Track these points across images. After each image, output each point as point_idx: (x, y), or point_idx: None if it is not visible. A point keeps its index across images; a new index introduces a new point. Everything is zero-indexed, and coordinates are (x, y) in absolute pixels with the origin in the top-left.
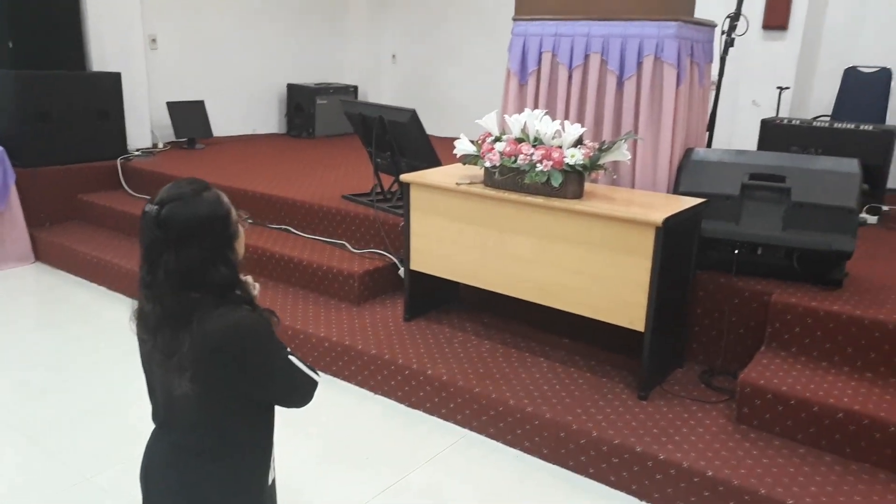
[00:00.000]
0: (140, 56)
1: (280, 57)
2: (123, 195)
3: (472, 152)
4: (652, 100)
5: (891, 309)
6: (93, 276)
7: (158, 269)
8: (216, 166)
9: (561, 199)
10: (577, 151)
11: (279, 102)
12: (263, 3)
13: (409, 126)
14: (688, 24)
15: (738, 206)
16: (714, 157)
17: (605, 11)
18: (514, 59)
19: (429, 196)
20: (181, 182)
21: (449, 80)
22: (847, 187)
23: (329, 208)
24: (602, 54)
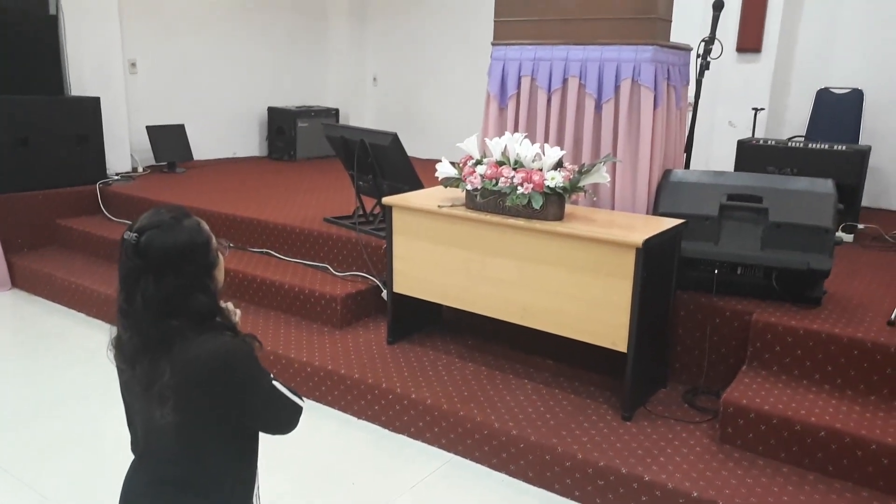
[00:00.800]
0: (120, 80)
1: (261, 80)
2: (102, 220)
3: (454, 175)
4: (630, 122)
5: (868, 327)
6: (71, 302)
7: (136, 296)
8: (196, 190)
9: (542, 220)
10: (557, 174)
11: (260, 125)
12: (244, 27)
13: (391, 149)
14: (664, 49)
15: (716, 227)
16: (692, 178)
17: (582, 37)
18: (493, 82)
19: (411, 219)
20: (161, 209)
21: (430, 102)
22: (823, 207)
23: (311, 231)
24: (580, 78)
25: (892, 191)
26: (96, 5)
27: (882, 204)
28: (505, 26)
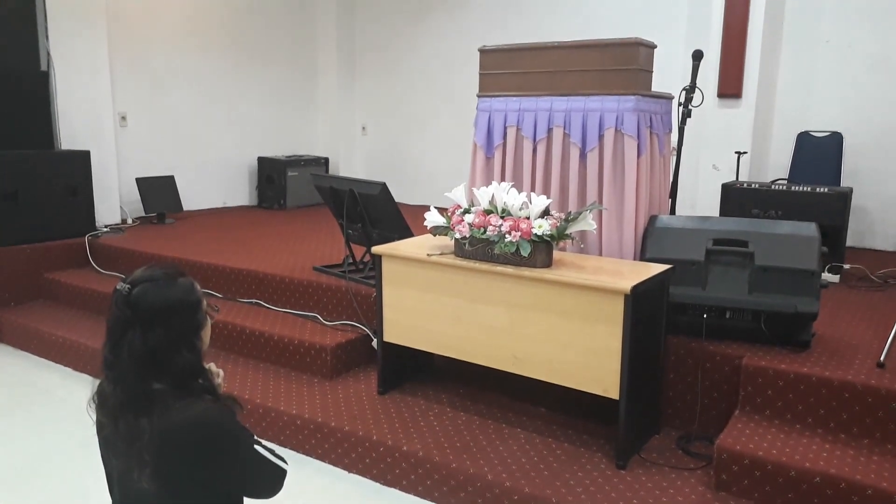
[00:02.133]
0: (110, 133)
1: (251, 130)
2: (91, 272)
3: (442, 224)
4: (615, 170)
5: (858, 369)
6: (57, 356)
7: (122, 348)
8: (185, 241)
9: (531, 268)
10: (544, 222)
11: (250, 175)
12: (234, 80)
13: (380, 198)
14: (646, 98)
15: (703, 271)
16: (678, 223)
17: (565, 88)
18: (479, 133)
19: (401, 267)
20: (156, 265)
21: (419, 150)
22: (807, 250)
23: (300, 280)
24: (564, 128)
25: (876, 230)
26: (87, 61)
27: (867, 243)
28: (490, 79)
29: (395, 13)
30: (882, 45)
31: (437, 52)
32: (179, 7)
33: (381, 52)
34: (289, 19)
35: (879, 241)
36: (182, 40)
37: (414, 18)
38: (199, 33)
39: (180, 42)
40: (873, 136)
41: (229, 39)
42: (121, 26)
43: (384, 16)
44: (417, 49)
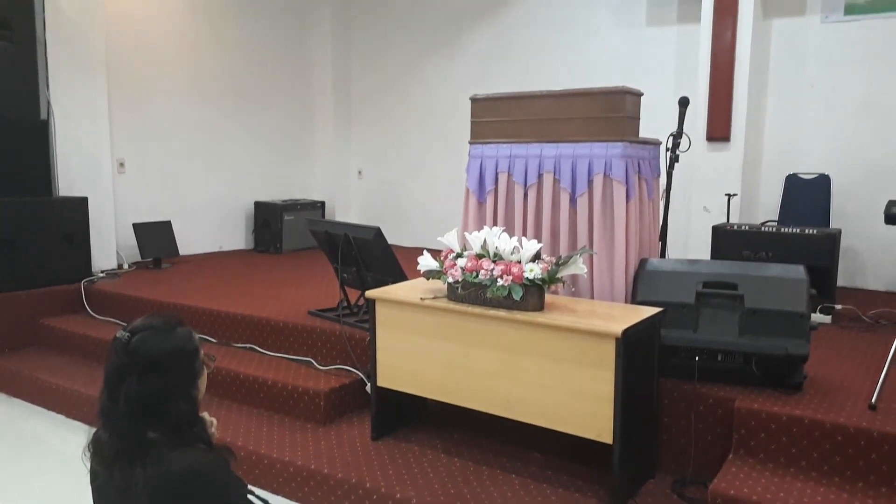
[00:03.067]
0: (108, 180)
1: (247, 175)
2: (86, 318)
3: (435, 268)
4: (604, 215)
5: (850, 411)
6: (50, 403)
7: (119, 396)
8: (181, 286)
9: (523, 311)
10: (535, 266)
11: (246, 219)
12: (232, 125)
13: (374, 243)
14: (633, 144)
15: (694, 314)
16: (667, 266)
17: (555, 135)
18: (472, 179)
19: (394, 311)
20: (156, 314)
21: (413, 193)
22: (796, 292)
23: (295, 325)
24: (554, 173)
25: (867, 270)
26: (87, 109)
27: (858, 283)
28: (481, 126)
29: (390, 62)
30: (865, 90)
31: (430, 98)
32: (178, 56)
33: (377, 99)
34: (286, 68)
35: (871, 280)
36: (180, 88)
37: (407, 67)
38: (197, 81)
39: (179, 90)
40: (860, 178)
41: (227, 87)
42: (120, 75)
43: (379, 64)
44: (411, 96)
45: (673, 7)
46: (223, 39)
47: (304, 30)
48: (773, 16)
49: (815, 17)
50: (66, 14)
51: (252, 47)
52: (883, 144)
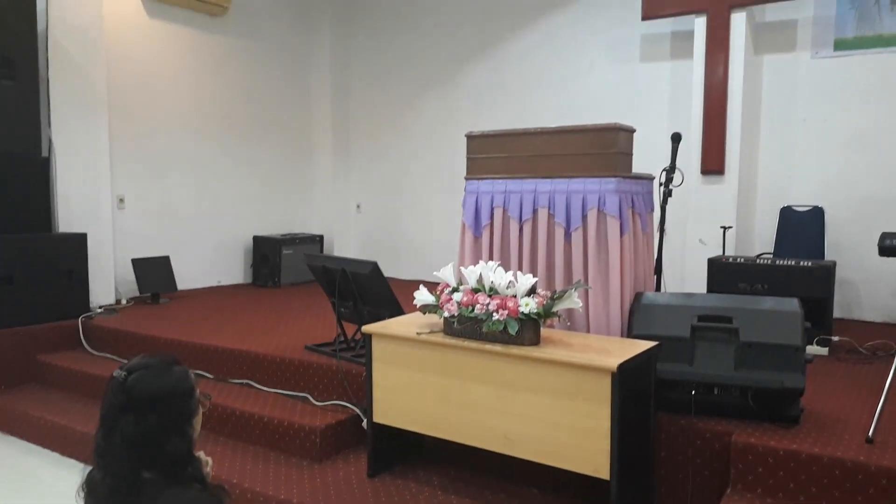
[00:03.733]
0: (107, 216)
1: (246, 210)
2: (83, 354)
3: (432, 302)
4: (599, 249)
5: (847, 445)
6: (45, 441)
7: (115, 435)
8: (178, 321)
9: (519, 346)
10: (530, 300)
11: (245, 253)
12: (231, 161)
13: (371, 277)
14: (626, 179)
15: (690, 348)
16: (662, 300)
17: (549, 171)
18: (468, 214)
19: (390, 346)
20: (153, 354)
21: (411, 227)
22: (791, 326)
23: (292, 360)
24: (549, 209)
25: (863, 302)
26: (88, 147)
27: (855, 315)
28: (477, 162)
29: (388, 97)
30: (855, 123)
31: (428, 133)
32: (179, 94)
33: (375, 134)
34: (285, 104)
35: (867, 312)
36: (180, 125)
37: (406, 102)
38: (197, 118)
39: (179, 126)
40: (853, 210)
41: (227, 123)
42: (121, 112)
43: (377, 99)
44: (409, 131)
45: (666, 43)
46: (223, 77)
47: (303, 66)
48: (764, 52)
49: (805, 52)
50: (68, 53)
51: (252, 84)
52: (874, 177)
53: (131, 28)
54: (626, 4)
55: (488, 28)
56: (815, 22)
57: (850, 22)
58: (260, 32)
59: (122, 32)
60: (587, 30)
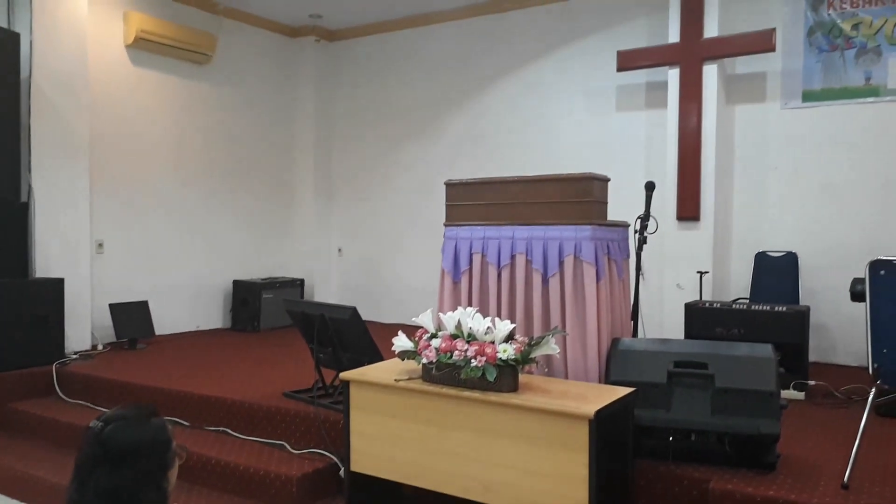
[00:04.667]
0: (86, 260)
1: (227, 254)
2: (56, 402)
3: (410, 348)
4: (575, 295)
5: (823, 491)
6: (14, 492)
7: (89, 487)
8: (154, 367)
9: (497, 392)
10: (508, 346)
11: (225, 298)
12: (212, 205)
13: (351, 323)
14: (602, 227)
15: (666, 394)
16: (639, 346)
17: (526, 218)
18: (447, 259)
19: (368, 393)
20: (131, 405)
21: (393, 271)
22: (765, 371)
23: (269, 407)
24: (527, 255)
25: (838, 346)
26: (67, 192)
27: (831, 359)
28: (455, 209)
29: (370, 143)
30: (825, 171)
31: (409, 178)
32: (160, 139)
33: (357, 179)
34: (268, 149)
35: (842, 356)
36: (163, 170)
37: (388, 148)
38: (180, 164)
39: (162, 172)
40: (826, 256)
41: (210, 169)
42: (102, 157)
43: (360, 145)
44: (392, 176)
45: (641, 94)
46: (206, 123)
47: (286, 112)
48: (736, 102)
49: (775, 103)
50: (51, 100)
51: (235, 130)
52: (844, 224)
53: (115, 75)
54: (602, 56)
55: (469, 78)
56: (784, 74)
57: (816, 74)
58: (244, 80)
59: (106, 80)
60: (565, 80)
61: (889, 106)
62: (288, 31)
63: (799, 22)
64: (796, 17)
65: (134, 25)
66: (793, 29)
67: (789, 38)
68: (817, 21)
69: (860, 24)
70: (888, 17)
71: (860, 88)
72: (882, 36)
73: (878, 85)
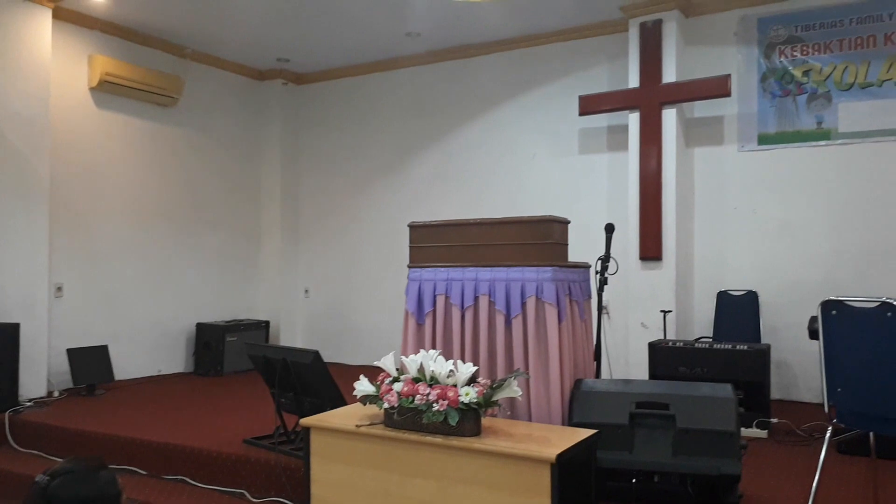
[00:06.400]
0: (43, 305)
1: (189, 297)
2: (8, 451)
3: (372, 393)
4: (538, 336)
5: None
6: None
7: None
8: (112, 414)
9: (459, 437)
10: (471, 389)
11: (187, 341)
12: (176, 248)
13: (313, 367)
14: (563, 268)
15: (629, 435)
16: (602, 387)
17: (489, 259)
18: (411, 301)
19: (329, 439)
20: (80, 457)
21: (360, 312)
22: (725, 411)
23: (229, 454)
24: (490, 296)
25: (800, 383)
26: (27, 238)
27: (793, 396)
28: (419, 251)
29: (338, 184)
30: (781, 212)
31: (376, 219)
32: (126, 182)
33: (325, 219)
34: (234, 190)
35: (804, 393)
36: (127, 213)
37: (355, 189)
38: (144, 206)
39: (125, 215)
40: (785, 294)
41: (174, 211)
42: (62, 200)
43: (328, 185)
44: (358, 218)
45: (603, 136)
46: (171, 166)
47: (253, 154)
48: (695, 144)
49: (732, 146)
50: (12, 144)
51: (200, 172)
52: (802, 262)
53: (79, 118)
54: (564, 100)
55: (436, 121)
56: (740, 118)
57: (771, 118)
58: (210, 122)
59: (70, 122)
60: (529, 123)
61: (840, 148)
62: (255, 75)
63: (753, 68)
64: (750, 64)
65: (98, 68)
66: (747, 75)
67: (744, 84)
68: (770, 67)
69: (810, 71)
70: (836, 64)
71: (812, 132)
72: (832, 82)
73: (829, 128)
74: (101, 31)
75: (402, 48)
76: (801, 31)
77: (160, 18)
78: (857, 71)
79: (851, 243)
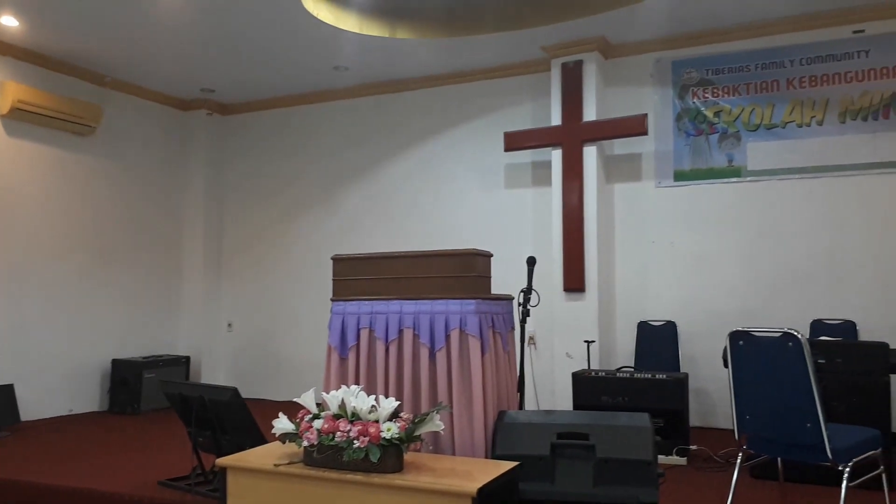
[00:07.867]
0: None
1: (104, 332)
2: None
3: (291, 430)
4: (462, 369)
5: None
6: None
7: None
8: (15, 458)
9: (381, 474)
10: (393, 425)
11: (102, 378)
12: (90, 282)
13: (231, 404)
14: (486, 301)
15: (550, 466)
16: (523, 418)
17: (413, 292)
18: (334, 335)
19: (247, 480)
20: None
21: (285, 346)
22: (642, 440)
23: (142, 498)
24: (414, 329)
25: (717, 410)
26: None
27: (711, 423)
28: (343, 284)
29: (263, 215)
30: (696, 245)
31: (303, 253)
32: (37, 213)
33: (249, 251)
34: (155, 224)
35: (721, 420)
36: (37, 245)
37: (281, 220)
38: (56, 238)
39: (35, 247)
40: (702, 324)
41: (90, 243)
42: None
43: (253, 217)
44: (284, 250)
45: (527, 172)
46: (88, 196)
47: (174, 185)
48: (615, 180)
49: (650, 182)
50: None
51: (119, 203)
52: (717, 293)
53: None
54: (491, 136)
55: (364, 153)
56: (657, 155)
57: (685, 156)
58: (130, 152)
59: None
60: (457, 158)
61: (749, 185)
62: (178, 104)
63: (668, 108)
64: (665, 104)
65: (10, 95)
66: (663, 114)
67: (660, 123)
68: (684, 108)
69: (721, 112)
70: (744, 106)
71: (724, 169)
72: (740, 122)
73: (739, 166)
74: (15, 57)
75: (330, 81)
76: (711, 75)
77: (78, 45)
78: (762, 113)
79: (762, 273)
